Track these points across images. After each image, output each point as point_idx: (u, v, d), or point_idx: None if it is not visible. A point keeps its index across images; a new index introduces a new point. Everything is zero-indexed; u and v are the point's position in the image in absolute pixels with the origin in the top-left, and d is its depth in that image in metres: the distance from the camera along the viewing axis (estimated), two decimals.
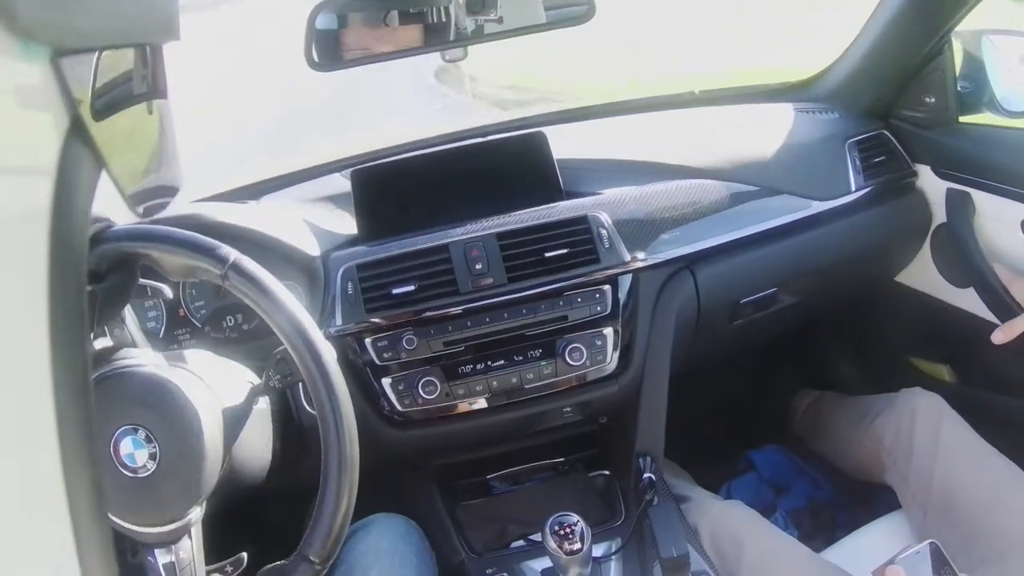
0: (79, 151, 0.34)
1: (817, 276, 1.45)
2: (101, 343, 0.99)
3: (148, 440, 0.86)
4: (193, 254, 0.87)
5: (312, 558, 0.85)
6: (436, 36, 1.50)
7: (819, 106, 1.59)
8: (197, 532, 0.88)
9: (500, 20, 1.41)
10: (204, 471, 0.86)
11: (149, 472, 0.85)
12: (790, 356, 1.92)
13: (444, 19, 1.48)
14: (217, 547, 0.93)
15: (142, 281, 1.25)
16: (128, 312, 1.18)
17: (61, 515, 0.35)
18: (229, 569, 0.90)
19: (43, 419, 0.34)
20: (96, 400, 0.88)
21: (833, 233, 1.42)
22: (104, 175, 0.37)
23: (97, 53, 0.35)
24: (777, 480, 1.56)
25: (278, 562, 0.87)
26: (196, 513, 0.87)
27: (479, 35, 1.30)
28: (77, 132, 0.34)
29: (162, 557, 0.86)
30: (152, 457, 0.85)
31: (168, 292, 1.02)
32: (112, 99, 0.37)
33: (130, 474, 0.85)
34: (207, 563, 0.90)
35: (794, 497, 1.54)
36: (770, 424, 1.82)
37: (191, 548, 0.87)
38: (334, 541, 0.86)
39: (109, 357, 0.95)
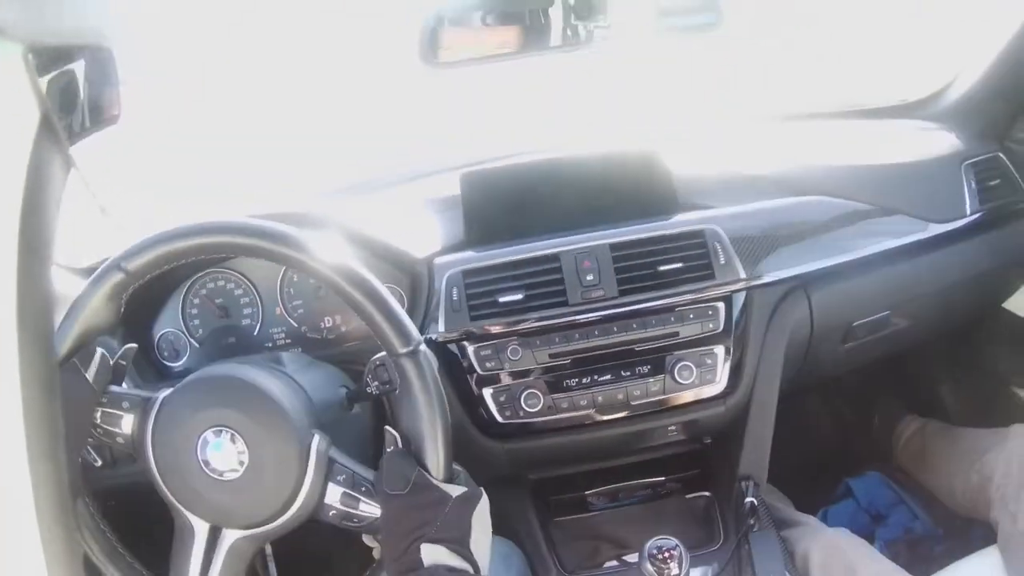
0: (49, 149, 0.34)
1: (929, 300, 1.40)
2: None
3: (233, 441, 0.84)
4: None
5: (406, 348, 0.86)
6: (537, 39, 1.46)
7: (935, 125, 1.53)
8: (338, 460, 0.87)
9: (609, 27, 1.37)
10: (296, 470, 0.84)
11: (237, 476, 0.84)
12: (893, 381, 1.86)
13: (544, 22, 1.44)
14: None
15: (240, 273, 1.25)
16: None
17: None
18: (389, 449, 0.88)
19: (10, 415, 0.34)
20: (186, 400, 0.87)
21: (946, 256, 1.37)
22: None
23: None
24: (875, 508, 1.52)
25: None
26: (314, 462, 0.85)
27: (588, 41, 1.27)
28: (46, 129, 0.34)
29: (334, 493, 0.86)
30: (240, 462, 0.84)
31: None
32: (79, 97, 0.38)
33: (216, 477, 0.84)
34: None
35: (891, 527, 1.50)
36: (870, 450, 1.77)
37: (346, 469, 0.86)
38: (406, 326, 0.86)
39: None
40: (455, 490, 0.83)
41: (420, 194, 1.38)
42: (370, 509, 0.85)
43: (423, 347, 0.87)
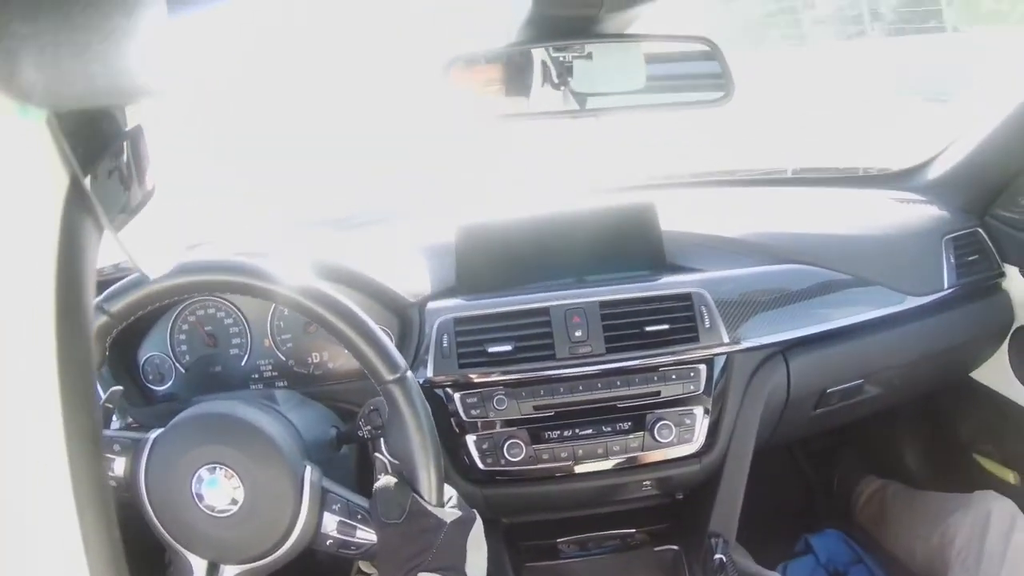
0: (80, 214, 0.34)
1: (902, 369, 1.44)
2: None
3: (228, 478, 0.85)
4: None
5: (394, 375, 0.88)
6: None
7: (918, 197, 1.58)
8: (332, 489, 0.89)
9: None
10: (290, 479, 0.86)
11: (232, 513, 0.85)
12: (855, 441, 1.91)
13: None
14: None
15: (230, 302, 1.26)
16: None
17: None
18: (380, 477, 0.90)
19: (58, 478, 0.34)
20: (179, 438, 0.88)
21: (921, 329, 1.41)
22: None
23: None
24: (834, 566, 1.55)
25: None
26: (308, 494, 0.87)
27: (580, 107, 1.24)
28: (76, 195, 0.33)
29: (330, 522, 0.88)
30: (235, 498, 0.85)
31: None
32: (108, 160, 0.37)
33: (212, 514, 0.85)
34: None
35: None
36: (830, 508, 1.81)
37: (341, 498, 0.89)
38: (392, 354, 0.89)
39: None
40: (449, 515, 0.86)
41: (415, 236, 1.40)
42: (367, 536, 0.87)
43: (409, 373, 0.89)
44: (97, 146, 0.36)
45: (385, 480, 0.88)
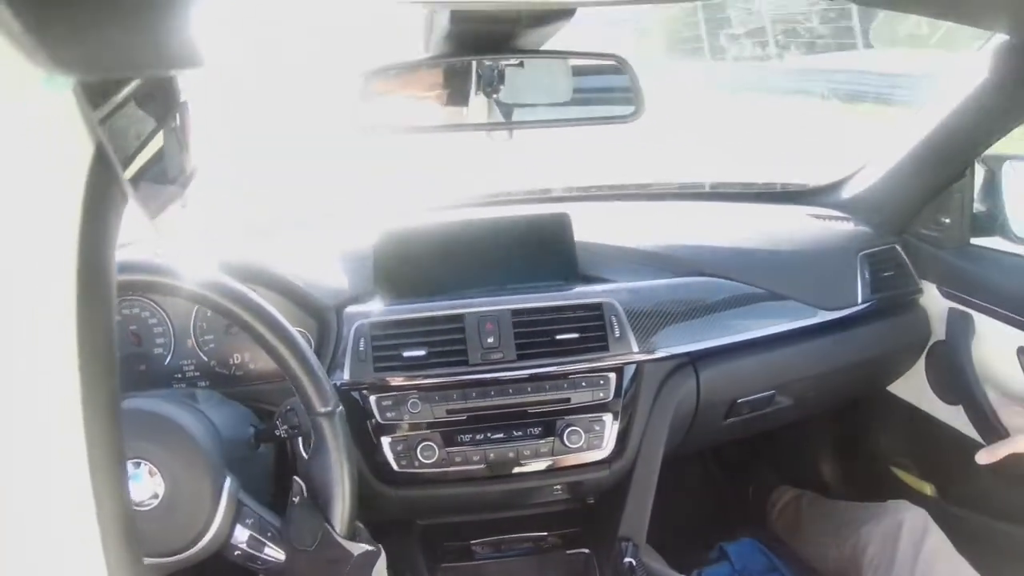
0: (104, 182, 0.34)
1: (814, 382, 1.48)
2: None
3: (151, 475, 0.88)
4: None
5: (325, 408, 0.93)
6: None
7: (835, 214, 1.62)
8: (247, 503, 0.92)
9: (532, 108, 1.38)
10: (210, 484, 0.89)
11: (152, 507, 0.88)
12: (772, 451, 1.94)
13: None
14: None
15: (154, 302, 1.28)
16: None
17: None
18: (296, 499, 0.92)
19: (74, 447, 0.35)
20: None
21: (834, 342, 1.45)
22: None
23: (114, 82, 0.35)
24: (749, 573, 1.57)
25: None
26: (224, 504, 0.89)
27: (498, 119, 1.27)
28: (101, 162, 0.34)
29: (241, 535, 0.91)
30: (155, 494, 0.88)
31: None
32: (129, 127, 0.38)
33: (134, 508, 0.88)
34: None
35: None
36: (745, 515, 1.84)
37: (254, 514, 0.91)
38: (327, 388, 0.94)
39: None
40: (356, 548, 0.89)
41: (335, 240, 1.43)
42: (274, 554, 0.90)
43: (340, 409, 0.94)
44: (123, 114, 0.36)
45: (299, 504, 0.91)
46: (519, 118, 1.20)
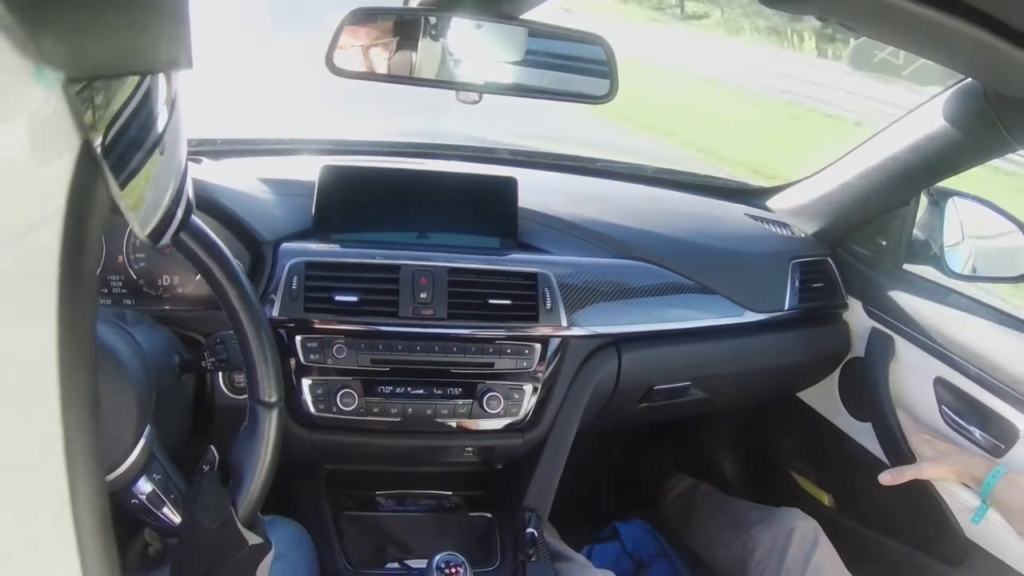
0: (89, 180, 0.34)
1: (730, 379, 1.52)
2: None
3: None
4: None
5: (270, 399, 0.93)
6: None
7: (774, 218, 1.66)
8: (159, 457, 0.89)
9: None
10: (133, 426, 0.86)
11: None
12: (675, 439, 1.99)
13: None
14: None
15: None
16: None
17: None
18: (206, 468, 0.91)
19: (49, 429, 0.34)
20: None
21: (755, 344, 1.49)
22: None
23: (107, 81, 0.35)
24: (639, 556, 1.61)
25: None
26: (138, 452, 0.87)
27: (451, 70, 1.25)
28: (87, 161, 0.34)
29: (144, 487, 0.88)
30: None
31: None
32: (122, 128, 0.37)
33: None
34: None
35: None
36: (640, 498, 1.88)
37: (163, 470, 0.89)
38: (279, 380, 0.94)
39: None
40: (252, 538, 0.89)
41: (279, 169, 1.42)
42: (170, 516, 0.89)
43: (282, 404, 0.94)
44: (113, 113, 0.35)
45: (210, 477, 0.90)
46: (483, 79, 1.20)
